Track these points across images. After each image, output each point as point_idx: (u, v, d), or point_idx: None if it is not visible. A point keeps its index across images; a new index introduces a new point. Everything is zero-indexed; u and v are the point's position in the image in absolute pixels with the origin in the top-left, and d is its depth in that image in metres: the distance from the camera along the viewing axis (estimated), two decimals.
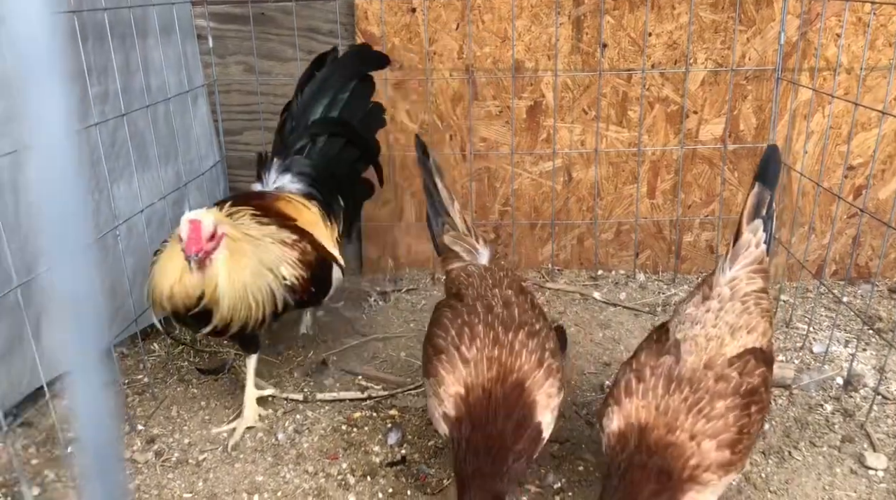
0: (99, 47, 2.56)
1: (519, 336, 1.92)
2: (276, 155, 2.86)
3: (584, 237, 3.66)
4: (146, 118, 2.85)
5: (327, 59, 2.93)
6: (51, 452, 2.42)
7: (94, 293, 0.42)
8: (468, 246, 2.25)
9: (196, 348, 3.04)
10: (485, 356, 1.88)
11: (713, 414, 1.76)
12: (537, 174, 3.56)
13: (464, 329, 1.95)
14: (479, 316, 1.97)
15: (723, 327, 1.94)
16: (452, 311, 2.03)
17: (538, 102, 3.45)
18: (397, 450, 2.41)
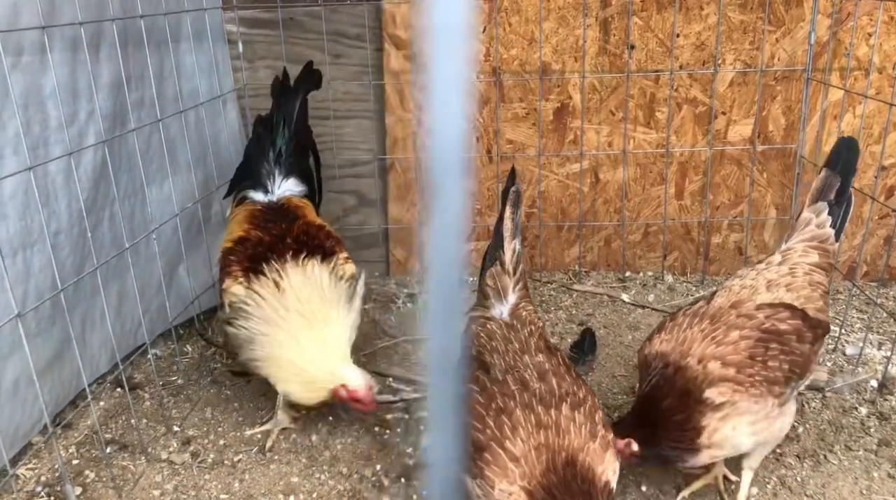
0: (136, 54, 2.60)
1: (563, 411, 1.73)
2: (274, 163, 2.88)
3: (611, 239, 3.65)
4: (179, 123, 2.89)
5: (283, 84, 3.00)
6: (90, 452, 2.46)
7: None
8: (500, 287, 2.10)
9: (229, 351, 3.06)
10: (531, 447, 1.68)
11: (724, 340, 1.94)
12: (564, 176, 3.56)
13: (502, 418, 1.73)
14: (514, 398, 1.77)
15: (760, 280, 2.09)
16: (482, 392, 1.82)
17: (565, 103, 3.45)
18: None
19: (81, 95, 2.39)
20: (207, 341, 3.13)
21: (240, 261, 2.43)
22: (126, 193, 2.68)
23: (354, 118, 3.60)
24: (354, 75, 3.52)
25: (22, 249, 2.22)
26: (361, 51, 3.48)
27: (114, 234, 2.62)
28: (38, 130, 2.25)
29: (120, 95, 2.56)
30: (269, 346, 2.32)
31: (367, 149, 3.64)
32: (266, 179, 2.85)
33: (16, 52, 2.13)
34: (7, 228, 2.16)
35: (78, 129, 2.41)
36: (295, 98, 2.93)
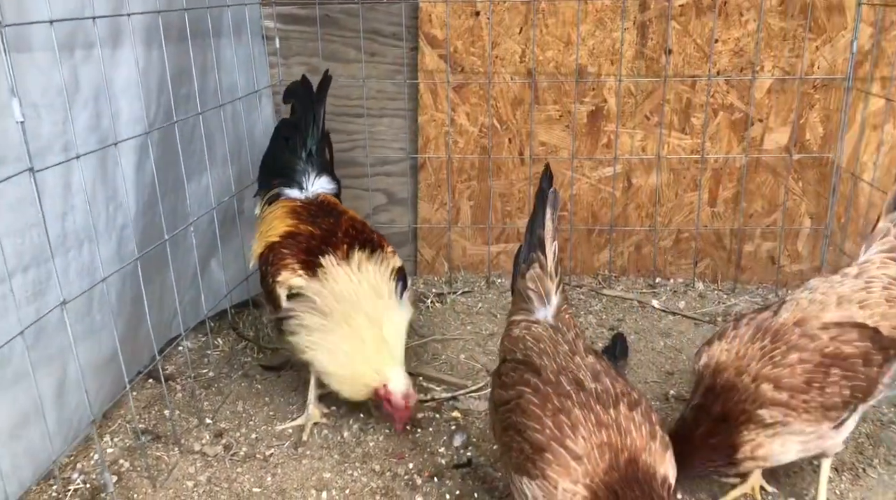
0: (181, 48, 2.63)
1: (622, 411, 1.72)
2: (307, 162, 2.92)
3: (642, 244, 3.65)
4: (218, 117, 2.92)
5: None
6: (124, 442, 2.50)
7: None
8: (543, 291, 2.06)
9: (259, 345, 3.10)
10: (594, 445, 1.67)
11: (782, 362, 1.91)
12: (596, 180, 3.56)
13: (560, 418, 1.72)
14: (571, 398, 1.76)
15: (831, 295, 2.02)
16: (536, 393, 1.80)
17: (600, 107, 3.45)
18: (463, 452, 2.44)
19: (146, 88, 2.45)
20: (239, 334, 3.16)
21: (295, 254, 2.47)
22: (170, 186, 2.71)
23: (387, 117, 3.63)
24: (388, 74, 3.55)
25: (88, 240, 2.27)
26: (396, 49, 3.51)
27: (160, 227, 2.65)
28: (106, 124, 2.30)
29: (170, 89, 2.61)
30: (329, 337, 2.34)
31: (399, 147, 3.66)
32: (301, 177, 2.89)
33: (86, 46, 2.17)
34: (74, 220, 2.21)
35: (148, 123, 2.47)
36: (321, 102, 2.98)
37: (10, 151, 1.98)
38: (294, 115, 3.00)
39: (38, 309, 2.08)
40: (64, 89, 2.08)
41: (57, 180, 2.17)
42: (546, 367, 1.87)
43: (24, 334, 1.93)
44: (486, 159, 3.55)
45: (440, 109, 3.53)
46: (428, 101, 3.53)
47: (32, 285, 2.09)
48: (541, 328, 2.00)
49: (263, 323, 3.27)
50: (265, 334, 3.20)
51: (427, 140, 3.58)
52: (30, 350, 1.98)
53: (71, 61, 2.18)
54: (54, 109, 2.15)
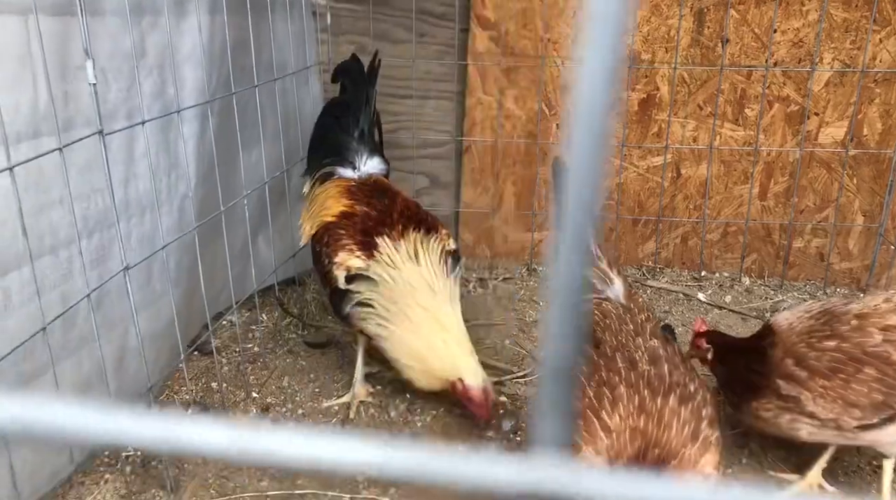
0: (236, 20, 2.63)
1: (669, 402, 1.68)
2: (359, 142, 2.92)
3: (688, 236, 3.62)
4: (270, 92, 2.93)
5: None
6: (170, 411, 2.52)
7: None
8: (601, 272, 2.07)
9: (304, 322, 3.12)
10: (628, 426, 1.64)
11: (817, 345, 1.97)
12: (644, 169, 3.54)
13: (603, 391, 1.72)
14: (620, 374, 1.75)
15: None
16: (588, 364, 1.82)
17: (652, 94, 3.42)
18: (513, 437, 2.43)
19: (208, 58, 2.46)
20: (285, 310, 3.18)
21: (352, 235, 2.46)
22: (226, 159, 2.73)
23: (433, 99, 3.61)
24: (437, 55, 3.53)
25: (150, 209, 2.29)
26: (446, 30, 3.49)
27: (215, 201, 2.66)
28: (170, 92, 2.32)
29: (229, 60, 2.62)
30: (395, 329, 2.34)
31: (445, 130, 3.65)
32: (354, 156, 2.89)
33: (154, 12, 2.18)
34: (136, 187, 2.23)
35: (209, 93, 2.48)
36: (373, 82, 2.98)
37: (79, 114, 2.00)
38: (343, 94, 3.00)
39: (100, 275, 2.09)
40: (136, 55, 2.09)
41: (121, 146, 2.19)
42: (605, 341, 1.87)
43: (89, 297, 1.94)
44: (532, 145, 3.53)
45: (488, 92, 3.51)
46: (476, 83, 3.51)
47: (96, 250, 2.10)
48: (611, 306, 2.00)
49: (307, 300, 3.29)
50: (310, 311, 3.22)
51: (473, 123, 3.56)
52: (93, 315, 2.00)
53: (139, 28, 2.19)
54: (121, 74, 2.16)
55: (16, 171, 1.68)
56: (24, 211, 1.72)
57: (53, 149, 1.80)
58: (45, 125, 1.88)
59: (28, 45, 1.79)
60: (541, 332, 0.75)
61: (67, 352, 2.03)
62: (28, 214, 1.76)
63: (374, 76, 2.98)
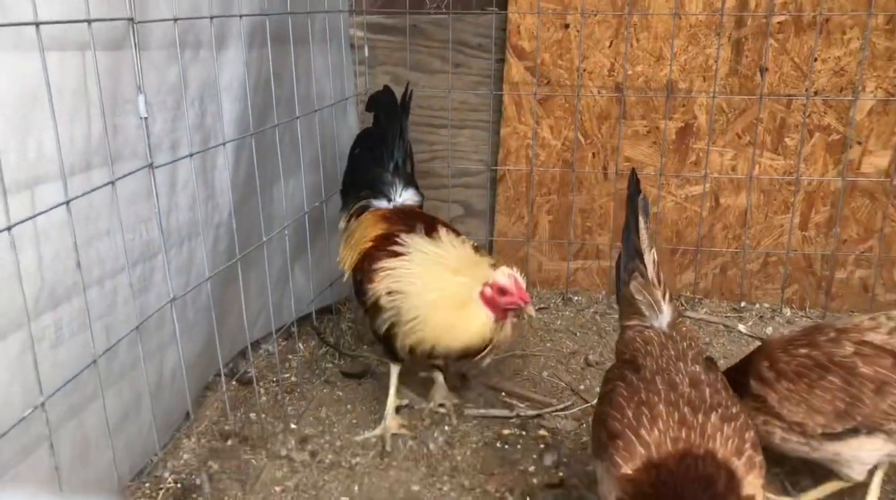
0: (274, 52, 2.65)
1: (711, 419, 1.64)
2: (394, 175, 2.91)
3: (727, 266, 3.55)
4: (307, 123, 2.93)
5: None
6: (211, 443, 2.49)
7: None
8: (652, 300, 2.05)
9: (340, 351, 3.10)
10: (669, 437, 1.62)
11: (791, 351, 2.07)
12: (682, 198, 3.48)
13: (642, 409, 1.70)
14: (659, 395, 1.73)
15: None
16: (628, 387, 1.81)
17: (689, 123, 3.38)
18: (554, 472, 2.37)
19: (245, 90, 2.48)
20: (322, 339, 3.17)
21: (389, 254, 2.48)
22: (261, 189, 2.72)
23: (469, 128, 3.62)
24: (472, 85, 3.55)
25: (188, 238, 2.31)
26: (482, 61, 3.50)
27: (248, 230, 2.67)
28: (210, 122, 2.34)
29: (272, 91, 2.65)
30: (415, 290, 2.35)
31: (479, 159, 3.65)
32: (389, 189, 2.89)
33: (195, 46, 2.20)
34: (177, 218, 2.24)
35: (245, 124, 2.50)
36: (406, 114, 2.97)
37: (127, 147, 2.01)
38: (377, 126, 2.99)
39: (141, 305, 2.09)
40: (183, 87, 2.11)
41: (163, 178, 2.19)
42: (646, 366, 1.86)
43: (138, 329, 1.94)
44: (567, 173, 3.50)
45: (524, 121, 3.50)
46: (511, 113, 3.50)
47: (139, 280, 2.10)
48: (653, 333, 1.99)
49: (343, 329, 3.28)
50: (346, 341, 3.20)
51: (508, 152, 3.55)
52: (134, 346, 1.99)
53: (180, 61, 2.21)
54: (165, 107, 2.18)
55: (70, 204, 1.68)
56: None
57: (107, 183, 1.81)
58: (96, 158, 1.89)
59: (84, 79, 1.80)
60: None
61: (110, 382, 2.02)
62: (78, 247, 1.77)
63: (407, 107, 2.99)
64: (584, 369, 3.01)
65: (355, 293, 2.62)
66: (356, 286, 2.59)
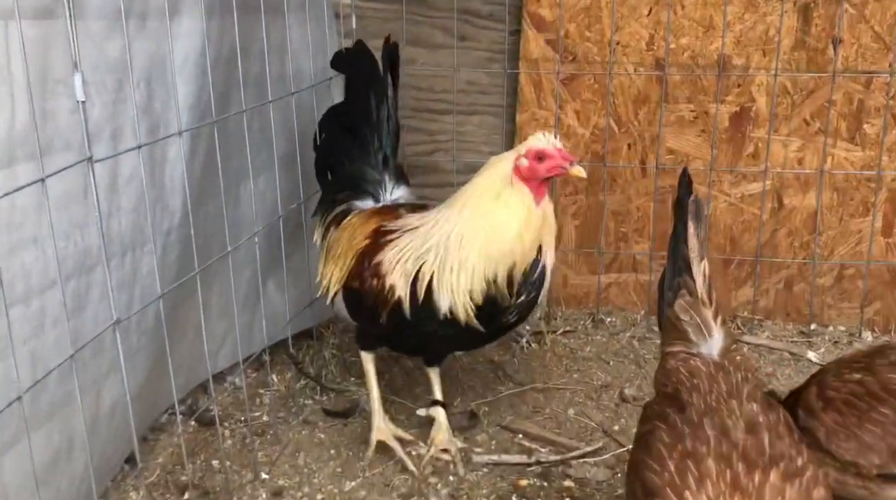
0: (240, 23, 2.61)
1: (771, 478, 1.60)
2: (383, 168, 2.86)
3: (793, 281, 3.51)
4: (283, 109, 2.90)
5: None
6: (163, 497, 2.45)
7: None
8: (700, 322, 2.03)
9: (322, 384, 3.07)
10: None
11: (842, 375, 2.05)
12: (737, 198, 3.44)
13: (687, 463, 1.67)
14: (708, 444, 1.70)
15: None
16: (670, 430, 1.79)
17: (746, 107, 3.34)
18: None
19: (202, 68, 2.45)
20: (300, 370, 3.14)
21: (393, 241, 2.49)
22: (223, 188, 2.67)
23: (478, 114, 3.60)
24: (482, 62, 3.53)
25: (132, 248, 2.27)
26: (493, 33, 3.49)
27: (208, 238, 2.65)
28: (160, 107, 2.31)
29: (229, 72, 2.61)
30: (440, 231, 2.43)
31: (490, 152, 3.55)
32: (376, 188, 2.83)
33: (142, 14, 2.17)
34: (119, 223, 2.21)
35: (200, 111, 2.46)
36: (396, 84, 2.87)
37: (58, 137, 1.98)
38: (354, 99, 2.89)
39: (75, 327, 2.05)
40: (129, 64, 2.08)
41: (102, 174, 2.16)
42: (692, 404, 1.84)
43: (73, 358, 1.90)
44: (598, 169, 3.47)
45: (544, 105, 3.48)
46: (529, 95, 3.48)
47: (72, 298, 2.06)
48: (700, 362, 1.97)
49: (326, 358, 3.24)
50: (329, 372, 3.17)
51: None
52: (67, 378, 1.95)
53: (123, 34, 2.18)
54: (105, 88, 2.15)
55: None
56: None
57: (35, 180, 1.78)
58: (21, 151, 1.85)
59: (7, 55, 1.77)
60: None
61: (37, 422, 1.97)
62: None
63: (396, 74, 2.88)
64: (619, 405, 2.98)
65: (352, 308, 2.60)
66: (353, 299, 2.56)
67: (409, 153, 3.59)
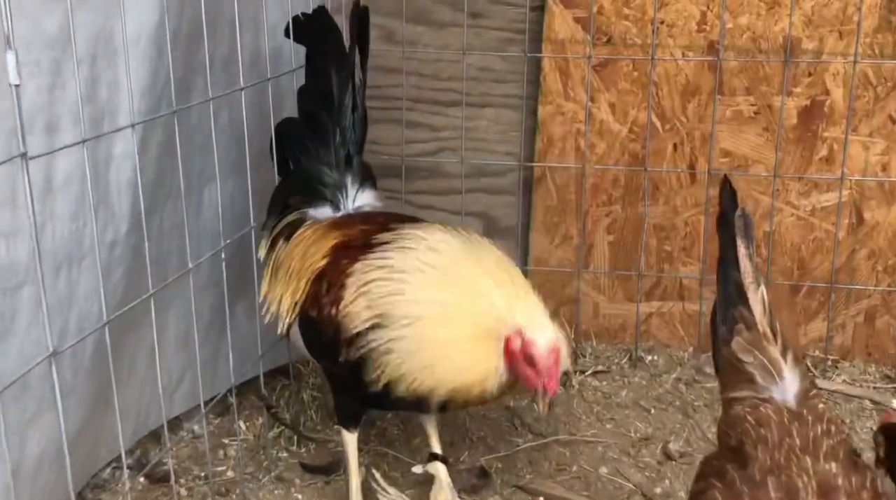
0: None
1: None
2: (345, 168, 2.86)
3: (876, 313, 3.50)
4: (257, 99, 2.88)
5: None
6: None
7: None
8: (766, 361, 2.03)
9: (301, 433, 3.07)
10: None
11: None
12: (807, 211, 3.43)
13: None
14: None
15: None
16: (726, 491, 1.82)
17: (818, 101, 3.34)
18: None
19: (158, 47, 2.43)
20: (274, 416, 3.13)
21: (356, 257, 2.46)
22: (181, 192, 2.66)
23: (492, 107, 3.62)
24: (498, 44, 3.55)
25: (68, 264, 2.25)
26: (511, 9, 3.51)
27: (163, 253, 2.63)
28: (106, 94, 2.29)
29: (192, 51, 2.60)
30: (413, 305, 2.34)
31: (507, 152, 3.65)
32: (335, 193, 2.82)
33: None
34: (53, 232, 2.20)
35: (155, 98, 2.45)
36: (363, 57, 2.84)
37: None
38: (312, 81, 2.89)
39: None
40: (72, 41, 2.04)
41: (35, 175, 2.12)
42: (756, 459, 1.85)
43: None
44: (637, 174, 3.48)
45: (572, 97, 3.49)
46: (554, 84, 3.49)
47: None
48: (771, 410, 1.96)
49: (305, 401, 3.24)
50: (308, 418, 3.15)
51: (550, 142, 3.54)
52: None
53: (63, 4, 2.16)
54: (40, 70, 2.13)
55: None
56: None
57: None
58: None
59: None
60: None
61: None
62: None
63: (365, 48, 2.86)
64: (662, 463, 2.96)
65: (309, 341, 2.57)
66: (310, 327, 2.53)
67: (407, 153, 3.60)
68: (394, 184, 3.53)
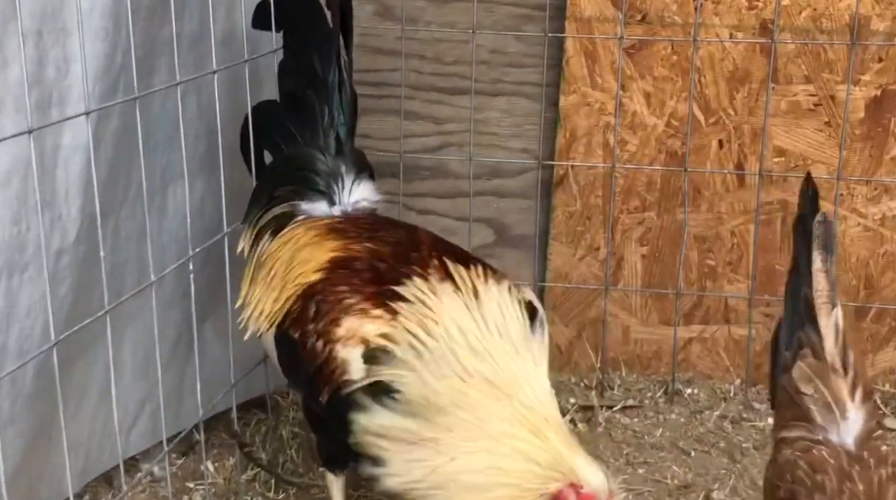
0: None
1: None
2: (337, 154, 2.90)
3: None
4: (232, 84, 2.93)
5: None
6: None
7: None
8: (830, 396, 2.05)
9: (279, 476, 3.07)
10: None
11: None
12: (876, 220, 3.47)
13: None
14: None
15: None
16: None
17: (890, 91, 3.37)
18: None
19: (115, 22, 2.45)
20: (248, 455, 3.13)
21: (360, 288, 2.42)
22: (137, 193, 2.70)
23: (505, 95, 3.64)
24: (513, 22, 3.57)
25: (8, 274, 2.26)
26: None
27: (119, 263, 2.65)
28: (53, 75, 2.30)
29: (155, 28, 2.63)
30: (442, 456, 2.29)
31: (522, 148, 3.68)
32: (329, 182, 2.85)
33: None
34: None
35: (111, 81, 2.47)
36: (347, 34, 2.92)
37: None
38: (291, 55, 2.95)
39: None
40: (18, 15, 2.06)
41: None
42: None
43: None
44: (677, 175, 3.51)
45: (600, 84, 3.52)
46: (579, 69, 3.52)
47: None
48: (827, 453, 1.98)
49: (284, 438, 3.25)
50: (288, 458, 3.17)
51: (573, 137, 3.56)
52: None
53: None
54: None
55: None
56: None
57: None
58: None
59: None
60: None
61: None
62: None
63: (348, 22, 2.92)
64: None
65: (286, 365, 2.58)
66: (288, 351, 2.53)
67: (406, 149, 3.63)
68: (390, 184, 3.54)
